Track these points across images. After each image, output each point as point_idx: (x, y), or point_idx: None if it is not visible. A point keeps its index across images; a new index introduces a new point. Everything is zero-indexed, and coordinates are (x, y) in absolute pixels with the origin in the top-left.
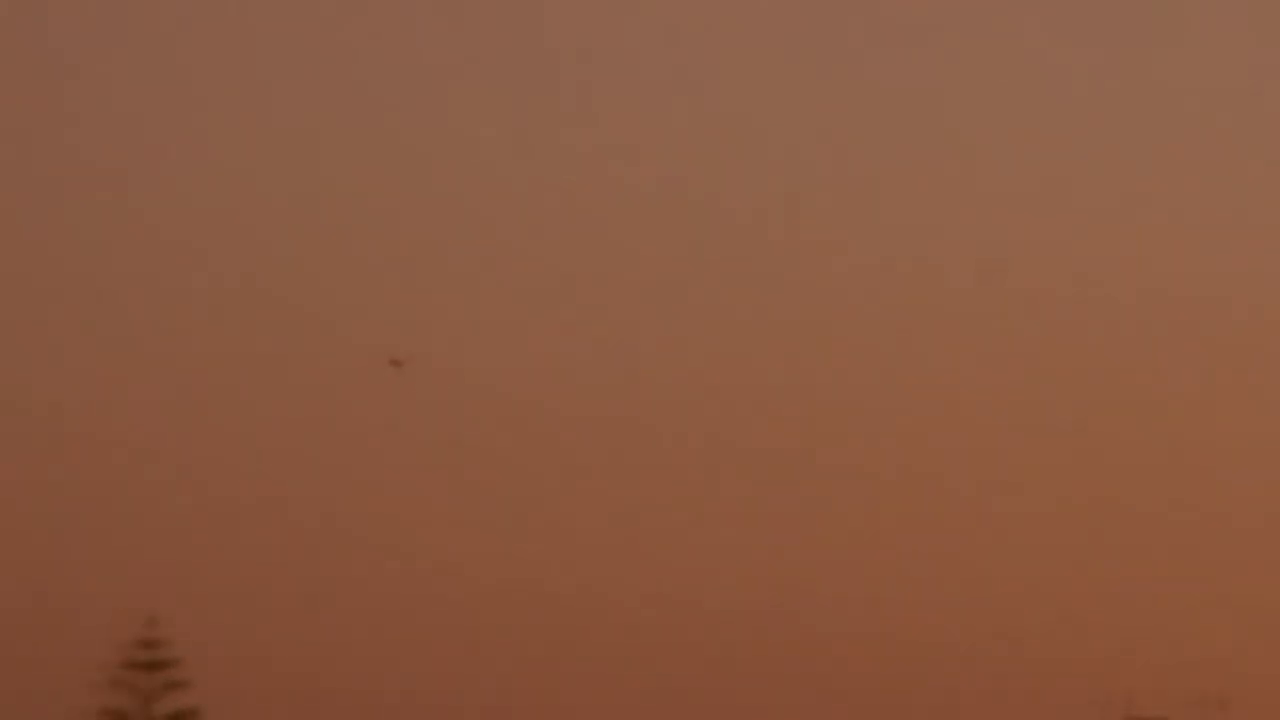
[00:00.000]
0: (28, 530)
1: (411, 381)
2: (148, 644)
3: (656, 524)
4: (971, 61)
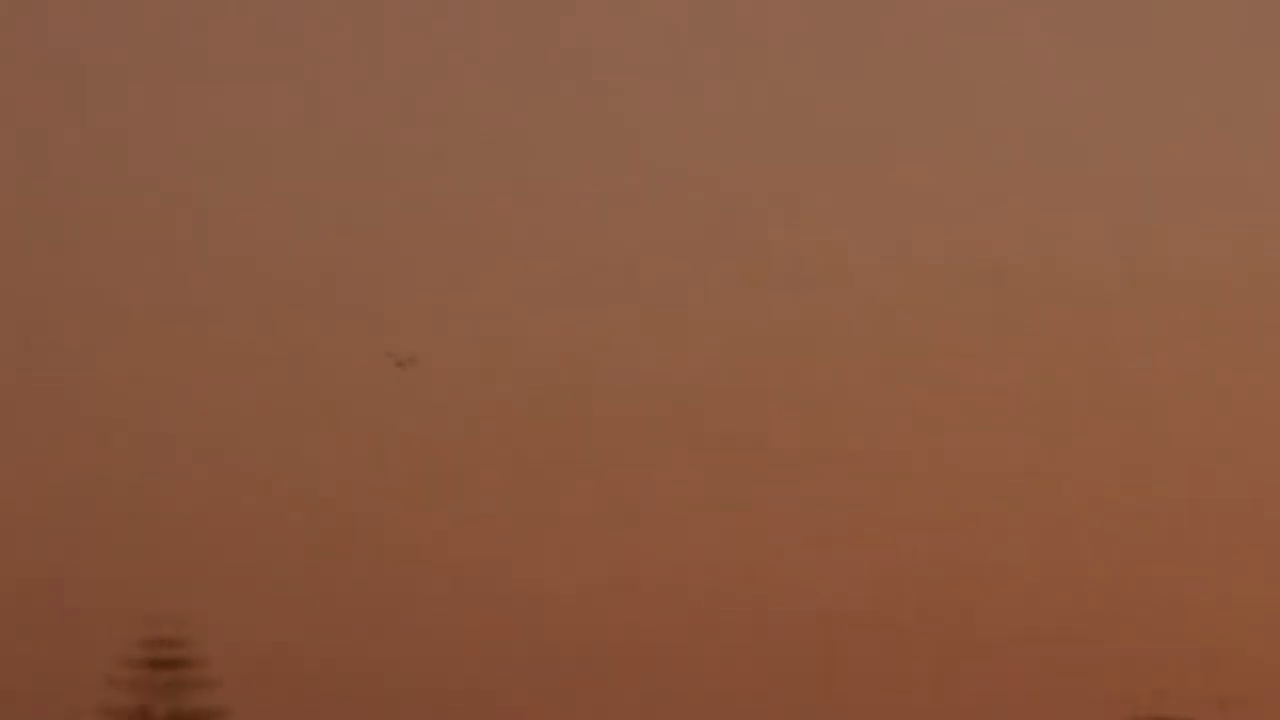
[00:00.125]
0: (52, 530)
1: (420, 380)
2: (171, 642)
3: (669, 520)
4: (975, 60)
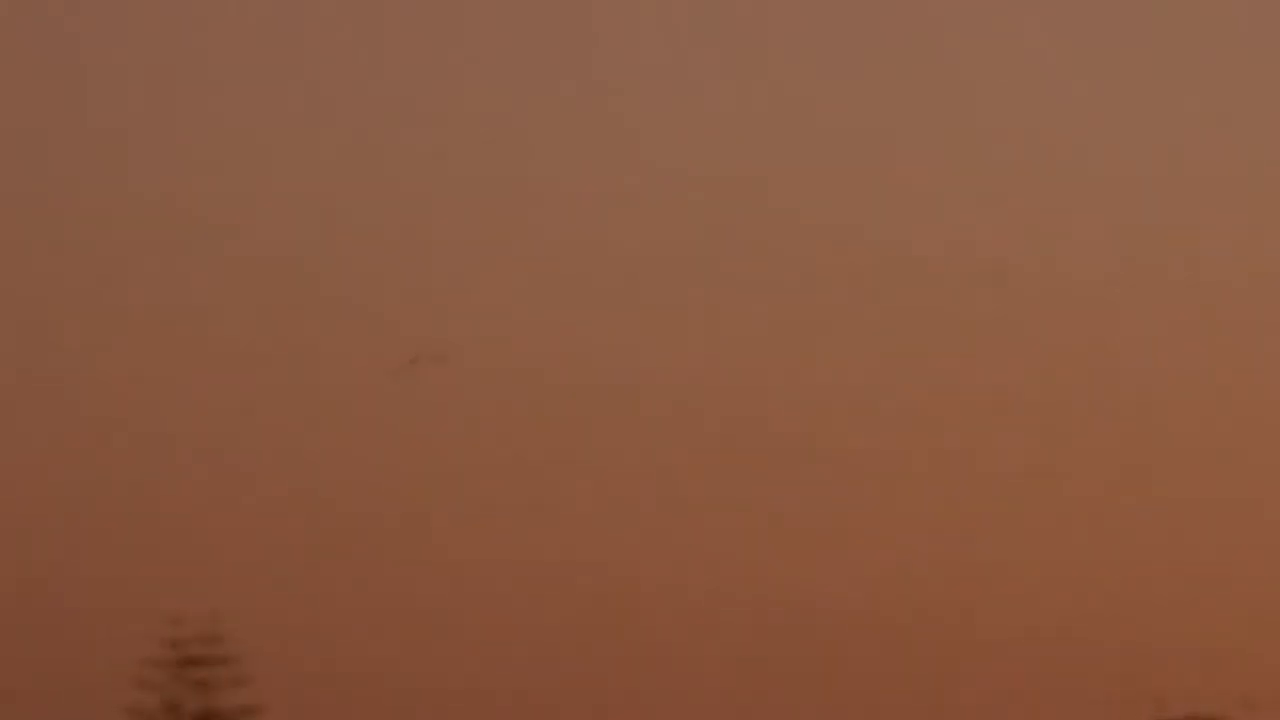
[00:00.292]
0: (84, 529)
1: (438, 377)
2: (206, 639)
3: (688, 518)
4: (975, 59)
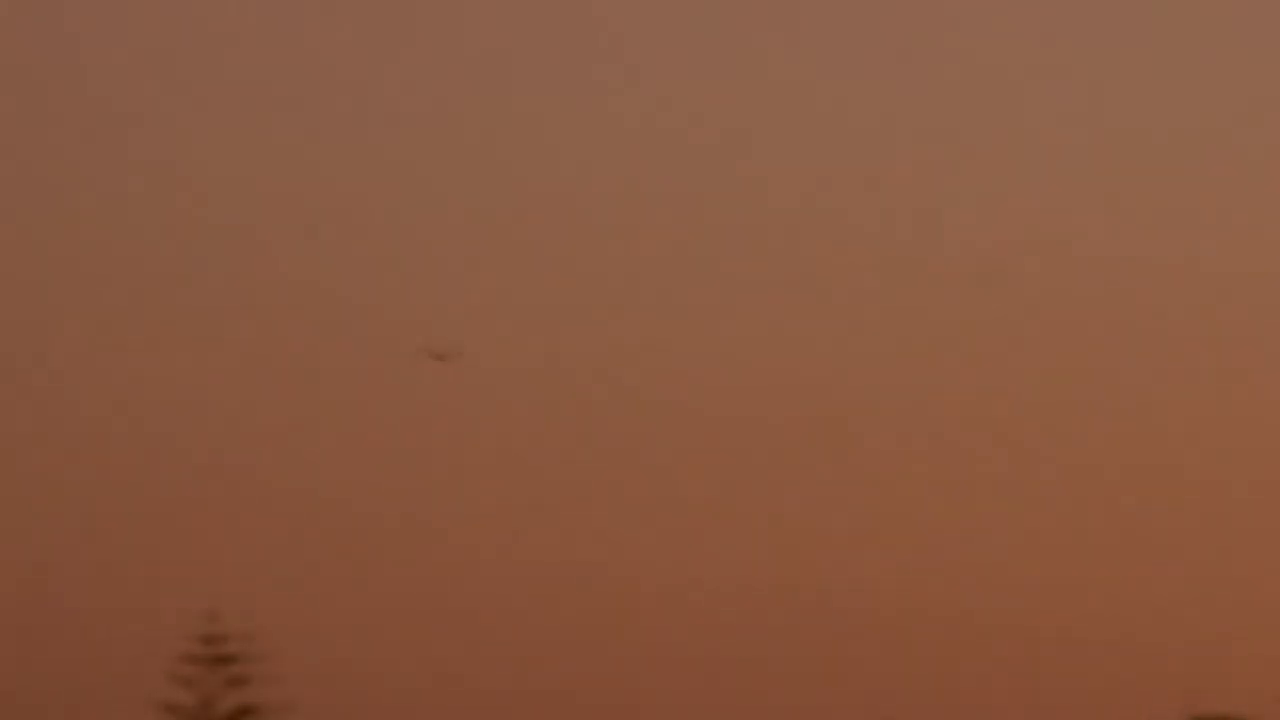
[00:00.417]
0: (88, 526)
1: (458, 375)
2: (210, 639)
3: (701, 517)
4: (976, 59)
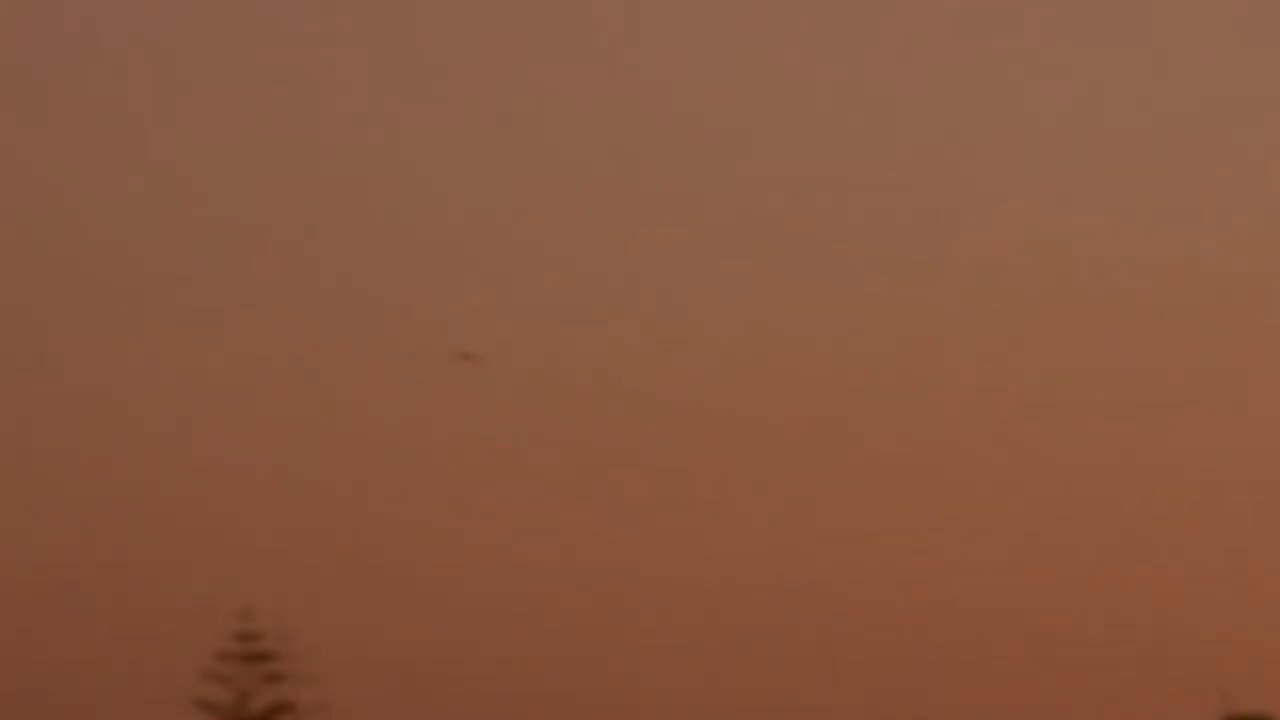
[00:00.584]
0: (124, 523)
1: (486, 375)
2: (245, 637)
3: (719, 517)
4: (975, 60)
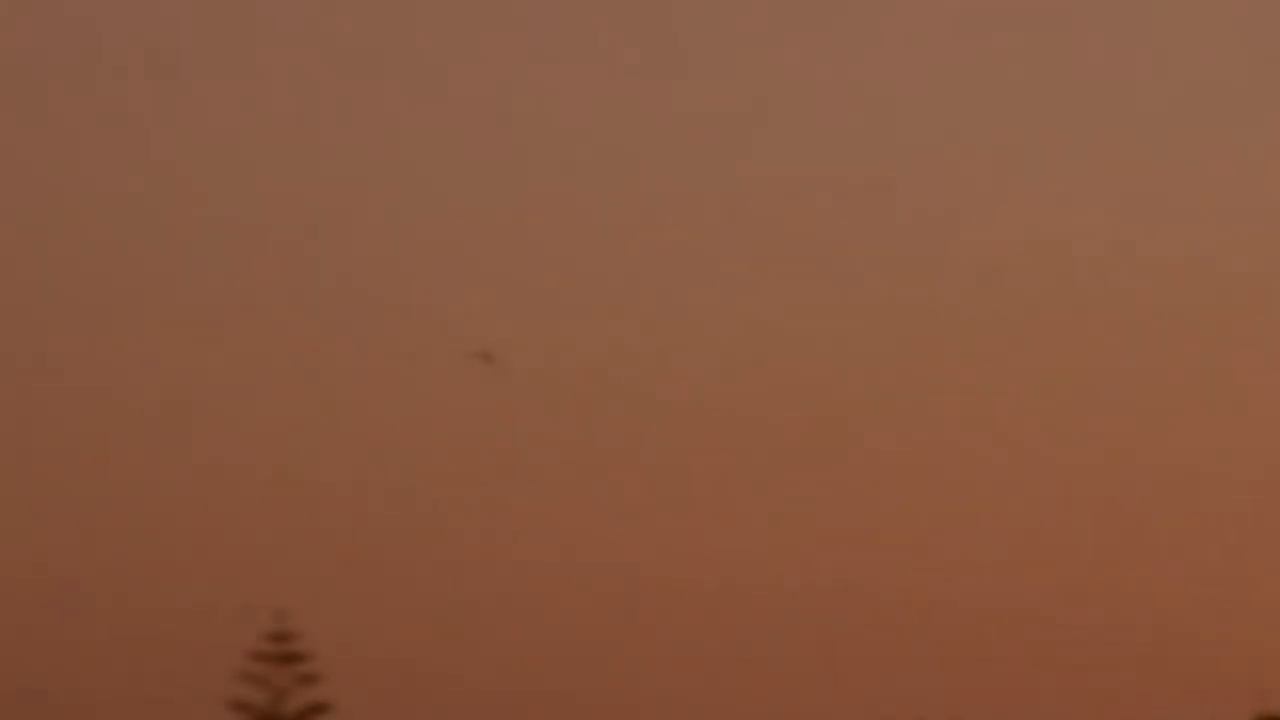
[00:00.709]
0: (159, 524)
1: (505, 375)
2: (279, 637)
3: (735, 517)
4: (977, 59)
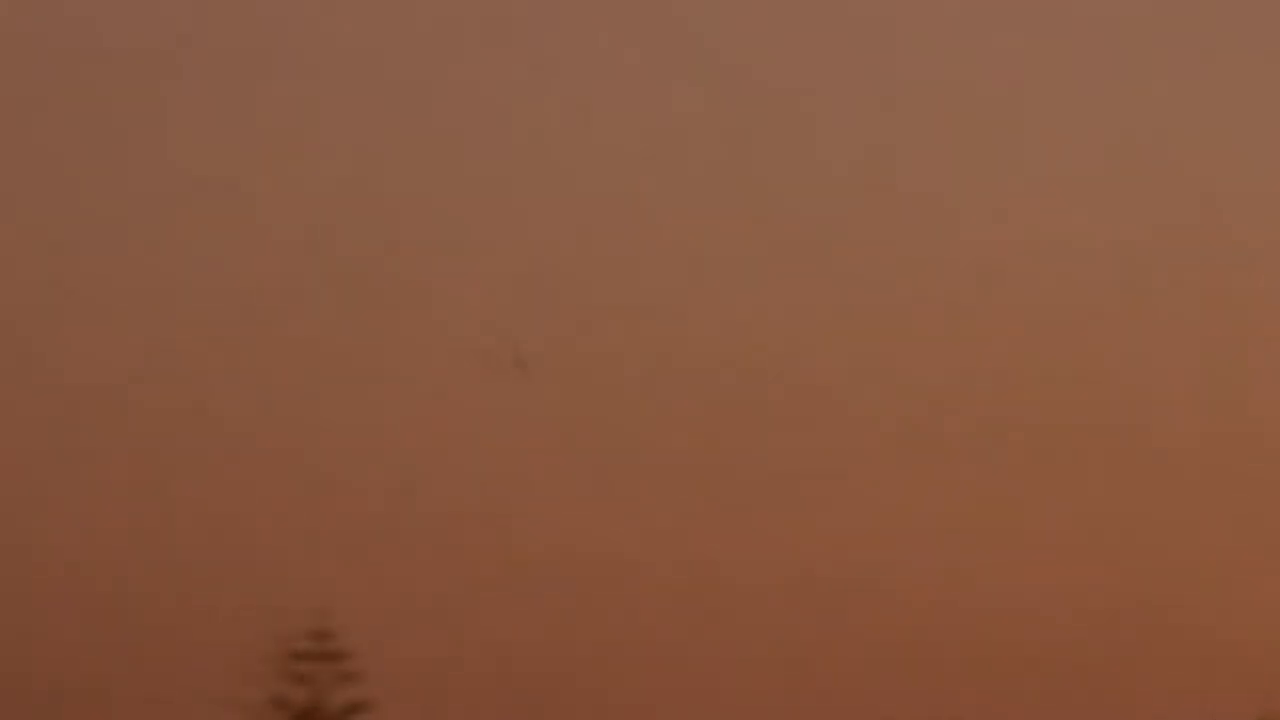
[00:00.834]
0: (202, 525)
1: (538, 380)
2: (319, 636)
3: (740, 517)
4: (976, 60)
